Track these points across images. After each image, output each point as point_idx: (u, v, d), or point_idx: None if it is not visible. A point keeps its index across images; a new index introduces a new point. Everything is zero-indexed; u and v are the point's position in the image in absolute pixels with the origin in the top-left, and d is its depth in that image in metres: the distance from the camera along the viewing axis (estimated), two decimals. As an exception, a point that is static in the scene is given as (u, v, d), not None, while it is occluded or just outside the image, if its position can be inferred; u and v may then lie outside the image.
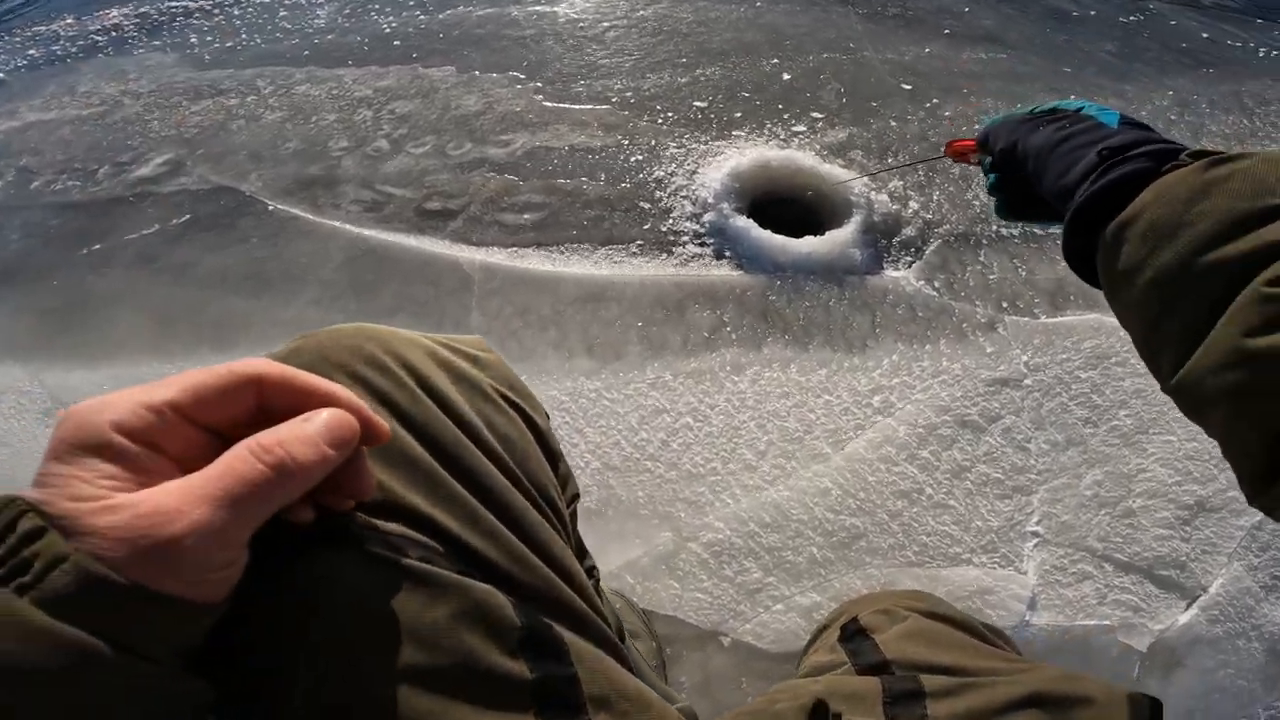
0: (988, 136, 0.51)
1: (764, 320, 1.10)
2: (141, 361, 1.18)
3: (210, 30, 2.48)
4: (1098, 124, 0.41)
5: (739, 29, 1.76)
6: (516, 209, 1.30)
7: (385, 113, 1.69)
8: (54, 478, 0.22)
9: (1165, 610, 0.84)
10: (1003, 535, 0.90)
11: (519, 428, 0.40)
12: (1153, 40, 2.00)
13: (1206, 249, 0.30)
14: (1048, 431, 1.00)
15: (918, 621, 0.50)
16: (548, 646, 0.32)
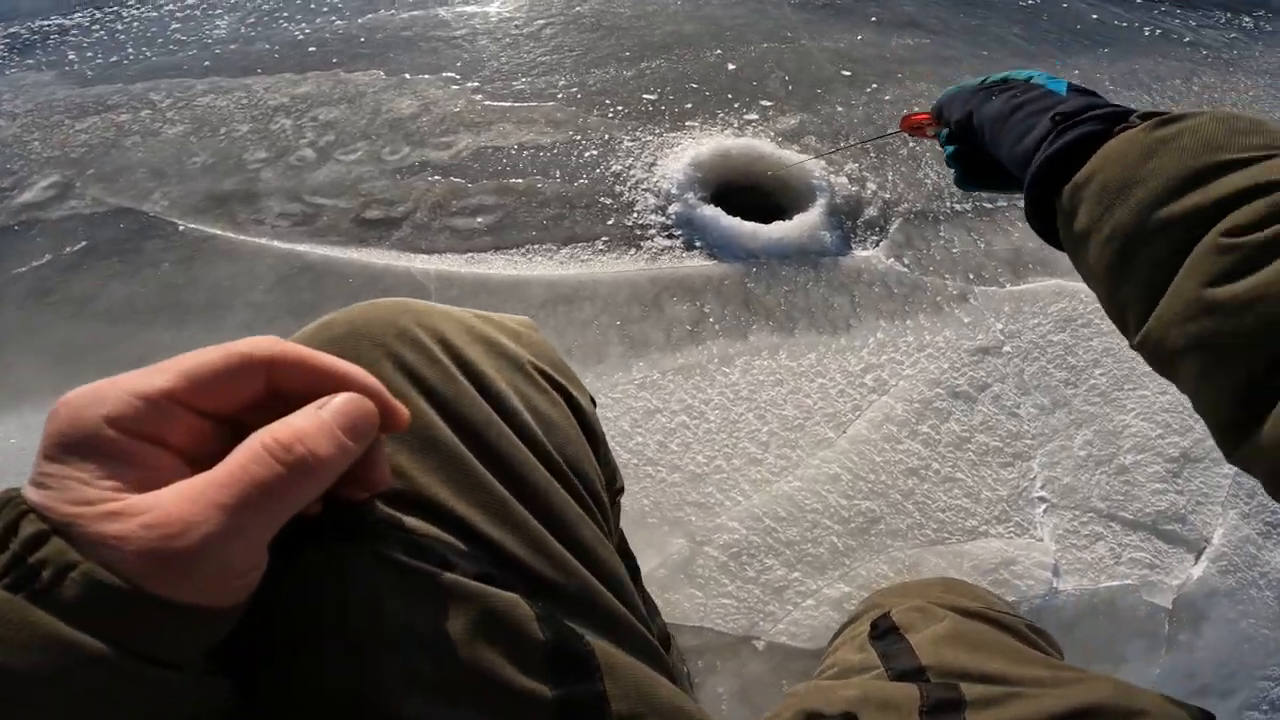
0: (942, 109, 0.51)
1: (745, 308, 1.06)
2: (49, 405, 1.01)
3: (91, 46, 2.23)
4: (1048, 91, 0.42)
5: (678, 21, 1.75)
6: (468, 212, 1.20)
7: (307, 120, 1.55)
8: (50, 479, 0.20)
9: (1178, 565, 0.86)
10: (1013, 503, 0.91)
11: (562, 410, 0.37)
12: (1052, 23, 2.16)
13: (1160, 205, 0.30)
14: (1034, 396, 1.02)
15: (955, 623, 0.47)
16: (574, 661, 0.29)
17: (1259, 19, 2.60)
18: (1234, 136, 0.30)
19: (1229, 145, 0.30)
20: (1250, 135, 0.30)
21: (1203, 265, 0.28)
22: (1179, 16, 2.44)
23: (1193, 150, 0.31)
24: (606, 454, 0.42)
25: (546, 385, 0.37)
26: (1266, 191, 0.27)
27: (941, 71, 1.72)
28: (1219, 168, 0.29)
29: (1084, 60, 1.98)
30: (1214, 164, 0.30)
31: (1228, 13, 2.59)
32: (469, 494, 0.29)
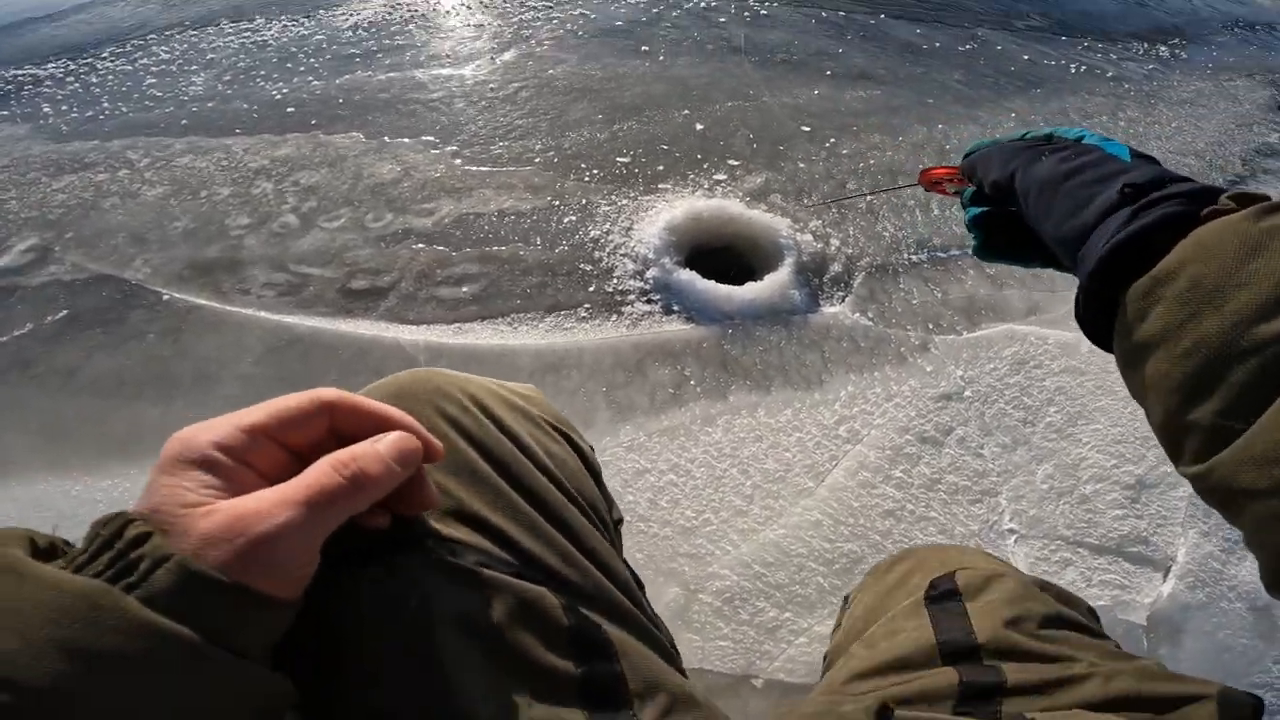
0: (975, 166, 0.45)
1: (724, 369, 1.12)
2: (38, 480, 1.03)
3: (66, 99, 2.23)
4: (1108, 155, 0.36)
5: (647, 82, 1.83)
6: (453, 281, 1.25)
7: (288, 184, 1.58)
8: (161, 488, 0.25)
9: (1147, 584, 0.93)
10: (985, 536, 0.98)
11: (567, 450, 0.44)
12: (988, 66, 2.31)
13: (1263, 318, 0.26)
14: (995, 436, 1.10)
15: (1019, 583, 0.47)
16: (594, 645, 0.35)
17: (1174, 47, 2.80)
18: None
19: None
20: None
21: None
22: (1101, 51, 2.63)
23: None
24: (605, 488, 0.49)
25: (554, 433, 0.44)
26: None
27: (891, 122, 1.84)
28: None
29: (1019, 102, 2.12)
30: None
31: (1144, 43, 2.78)
32: (503, 511, 0.36)
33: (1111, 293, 0.32)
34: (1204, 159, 2.02)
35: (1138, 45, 2.74)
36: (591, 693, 0.33)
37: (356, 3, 2.62)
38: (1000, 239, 0.44)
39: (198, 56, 2.40)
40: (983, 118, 1.98)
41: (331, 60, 2.16)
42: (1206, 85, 2.50)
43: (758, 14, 2.40)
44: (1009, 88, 2.20)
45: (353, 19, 2.47)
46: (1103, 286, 0.32)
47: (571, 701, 0.33)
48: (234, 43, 2.47)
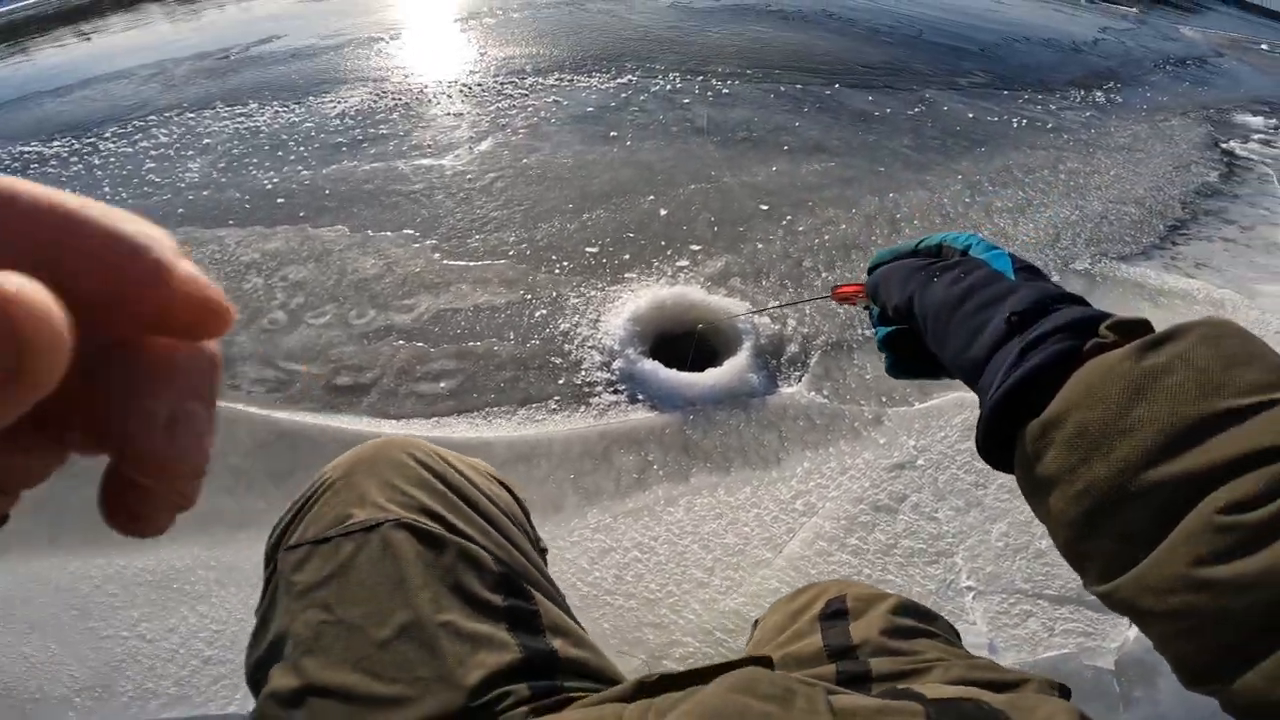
0: (877, 287, 0.47)
1: (685, 453, 1.20)
2: (36, 557, 1.09)
3: (69, 181, 2.34)
4: (993, 273, 0.39)
5: (615, 169, 1.96)
6: (431, 377, 1.33)
7: (277, 279, 1.68)
8: None
9: (1111, 630, 0.97)
10: (943, 594, 1.02)
11: (506, 493, 0.59)
12: (936, 128, 2.45)
13: (1148, 465, 0.28)
14: (949, 500, 1.16)
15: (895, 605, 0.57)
16: (517, 589, 0.49)
17: (1109, 91, 2.96)
18: (1230, 371, 0.28)
19: (1226, 386, 0.28)
20: (1245, 368, 0.28)
21: (1194, 543, 0.26)
22: (1040, 102, 2.78)
23: (1188, 395, 0.28)
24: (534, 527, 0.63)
25: (496, 480, 0.60)
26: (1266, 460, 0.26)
27: (845, 194, 1.96)
28: (1215, 420, 0.27)
29: (965, 162, 2.23)
30: (1211, 415, 0.27)
31: (1081, 90, 2.94)
32: (454, 512, 0.51)
33: (1009, 430, 0.34)
34: (1144, 205, 2.12)
35: (1075, 93, 2.91)
36: (513, 618, 0.47)
37: (344, 89, 2.79)
38: (910, 356, 0.46)
39: (194, 141, 2.54)
40: (931, 181, 2.11)
41: (319, 149, 2.29)
42: (1142, 128, 2.65)
43: (720, 93, 2.57)
44: (955, 149, 2.33)
45: (340, 106, 2.62)
46: (999, 426, 0.35)
47: (499, 621, 0.46)
48: (229, 128, 2.60)
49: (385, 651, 0.43)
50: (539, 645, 0.46)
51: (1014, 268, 0.39)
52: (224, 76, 3.19)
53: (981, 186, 2.13)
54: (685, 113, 2.37)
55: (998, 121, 2.59)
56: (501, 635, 0.45)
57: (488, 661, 0.43)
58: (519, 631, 0.46)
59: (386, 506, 0.49)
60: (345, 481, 0.51)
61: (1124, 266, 1.81)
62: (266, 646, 0.46)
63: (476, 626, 0.45)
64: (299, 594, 0.46)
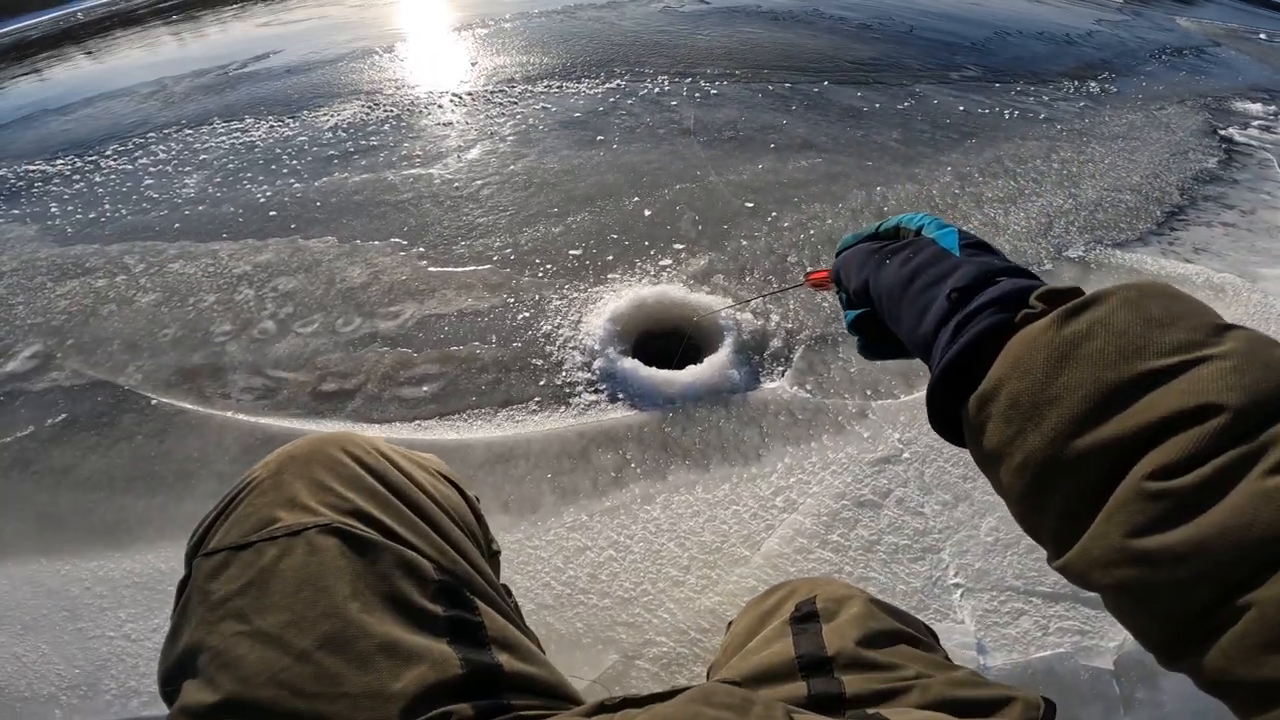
0: (839, 273, 0.49)
1: (664, 451, 1.19)
2: (30, 561, 1.12)
3: (72, 199, 2.39)
4: (940, 251, 0.40)
5: (600, 172, 1.97)
6: (414, 382, 1.34)
7: (268, 290, 1.70)
8: None
9: (1110, 628, 0.92)
10: (929, 593, 1.00)
11: (454, 492, 0.57)
12: (925, 122, 2.42)
13: (1077, 432, 0.28)
14: (935, 494, 1.14)
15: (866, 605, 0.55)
16: (459, 599, 0.46)
17: (1104, 81, 2.93)
18: (1151, 332, 0.28)
19: (1147, 346, 0.28)
20: (1168, 328, 0.28)
21: (1127, 512, 0.26)
22: (1033, 94, 2.75)
23: (1108, 358, 0.28)
24: (486, 527, 0.61)
25: (444, 480, 0.57)
26: (1194, 420, 0.25)
27: (831, 189, 1.96)
28: (1138, 381, 0.27)
29: (955, 155, 2.21)
30: (1133, 377, 0.27)
31: (1075, 81, 2.91)
32: (392, 515, 0.48)
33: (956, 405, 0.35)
34: (1140, 193, 2.09)
35: (1068, 84, 2.88)
36: (456, 630, 0.44)
37: (338, 103, 2.83)
38: (878, 337, 0.47)
39: (192, 157, 2.59)
40: (920, 174, 2.10)
41: (312, 162, 2.32)
42: (1138, 117, 2.62)
43: (708, 93, 2.57)
44: (945, 141, 2.31)
45: (333, 119, 2.66)
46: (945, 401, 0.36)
47: (441, 634, 0.43)
48: (225, 143, 2.65)
49: (305, 664, 0.39)
50: (483, 659, 0.43)
51: (961, 244, 0.40)
52: (222, 92, 3.25)
53: (971, 177, 2.11)
54: (672, 115, 2.38)
55: (989, 114, 2.57)
56: (441, 648, 0.42)
57: (425, 676, 0.39)
58: (461, 644, 0.43)
59: (316, 509, 0.45)
60: (273, 481, 0.47)
61: (1120, 253, 1.79)
62: (177, 658, 0.42)
63: (412, 639, 0.41)
64: (215, 604, 0.42)
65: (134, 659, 0.96)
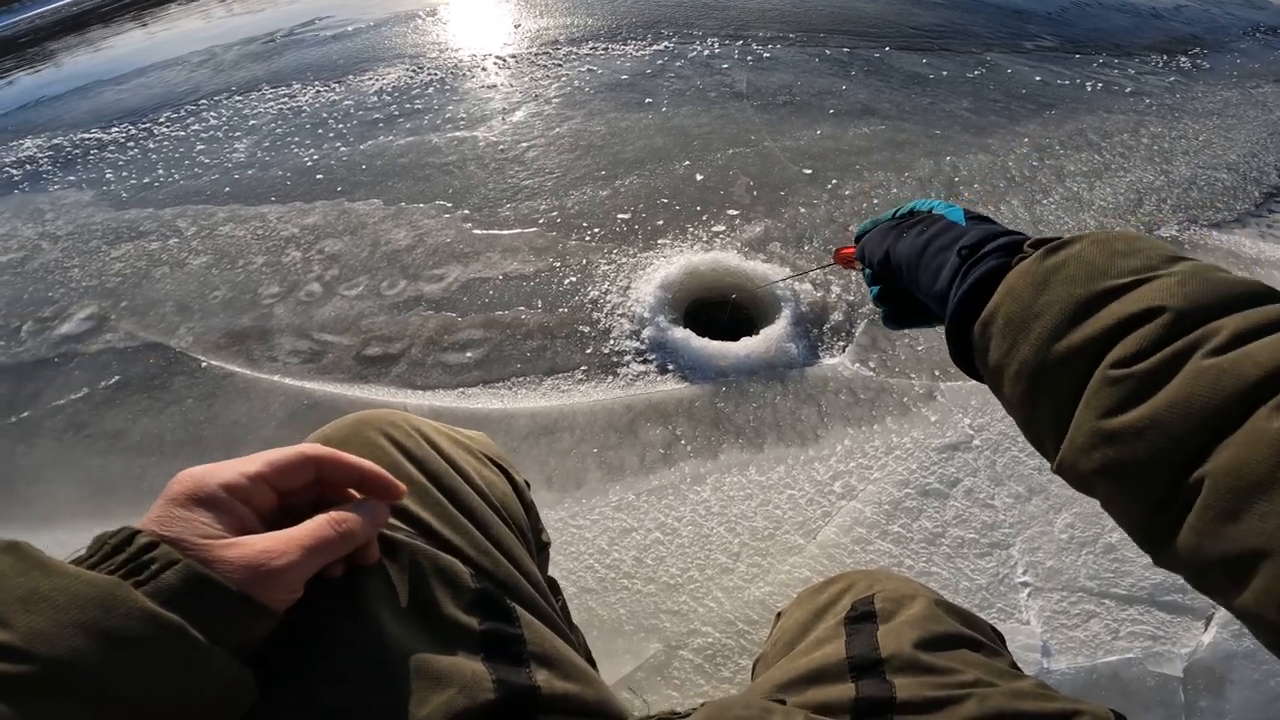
0: (863, 250, 0.53)
1: (716, 428, 1.13)
2: (83, 529, 1.13)
3: (126, 165, 2.45)
4: (949, 223, 0.45)
5: (649, 135, 1.89)
6: (458, 347, 1.31)
7: (314, 252, 1.69)
8: (178, 520, 0.31)
9: (1184, 634, 0.87)
10: (994, 590, 0.93)
11: (501, 479, 0.52)
12: (998, 91, 2.26)
13: (1056, 338, 0.33)
14: (1008, 485, 1.06)
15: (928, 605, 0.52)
16: (497, 608, 0.42)
17: (1195, 57, 2.67)
18: (1114, 260, 0.33)
19: (1109, 270, 0.33)
20: (1128, 258, 0.33)
21: (1098, 397, 0.30)
22: (1117, 66, 2.53)
23: (1079, 279, 0.33)
24: (536, 516, 0.56)
25: (491, 464, 0.52)
26: (1145, 319, 0.30)
27: (897, 157, 1.83)
28: (1102, 296, 0.32)
29: (1032, 125, 2.06)
30: (1098, 292, 0.33)
31: (1164, 55, 2.66)
32: (430, 508, 0.44)
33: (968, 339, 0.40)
34: (1237, 171, 1.92)
35: (1156, 58, 2.64)
36: (491, 646, 0.40)
37: (383, 67, 2.80)
38: (901, 308, 0.52)
39: (241, 122, 2.61)
40: (993, 145, 1.95)
41: (357, 126, 2.30)
42: (1233, 94, 2.39)
43: (760, 57, 2.44)
44: (1020, 112, 2.15)
45: (378, 84, 2.63)
46: (959, 331, 0.41)
47: (474, 651, 0.39)
48: (273, 109, 2.66)
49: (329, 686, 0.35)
50: (518, 680, 0.39)
51: (966, 217, 0.46)
52: (269, 59, 3.26)
53: (1051, 149, 1.95)
54: (723, 78, 2.26)
55: (1068, 85, 2.37)
56: (473, 668, 0.38)
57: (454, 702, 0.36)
58: (496, 662, 0.39)
59: None
60: None
61: (1215, 234, 1.63)
62: None
63: (442, 657, 0.37)
64: None
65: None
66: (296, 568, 0.32)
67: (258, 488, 0.34)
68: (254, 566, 0.31)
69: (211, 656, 0.29)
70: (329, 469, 0.38)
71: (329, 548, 0.34)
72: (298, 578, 0.33)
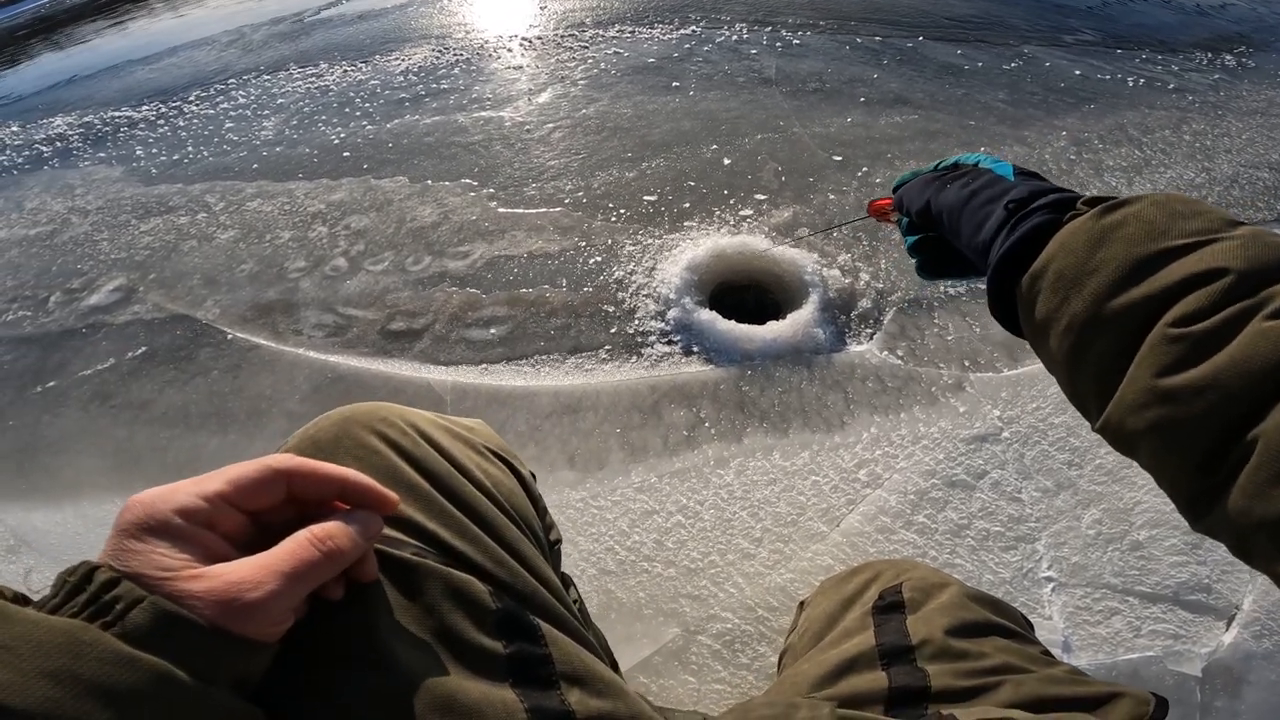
0: (901, 200, 0.52)
1: (740, 411, 1.12)
2: (106, 500, 1.14)
3: (156, 142, 2.48)
4: (997, 176, 0.44)
5: (676, 119, 1.86)
6: (482, 324, 1.31)
7: (340, 228, 1.70)
8: (133, 554, 0.27)
9: (1206, 634, 0.86)
10: (1017, 585, 0.92)
11: (507, 474, 0.48)
12: (1036, 84, 2.20)
13: (1112, 294, 0.32)
14: (1036, 479, 1.04)
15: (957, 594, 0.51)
16: (522, 628, 0.38)
17: (1240, 55, 2.58)
18: (1174, 221, 0.33)
19: (1170, 231, 0.32)
20: (1189, 220, 0.33)
21: (1154, 355, 0.30)
22: (1160, 62, 2.45)
23: (1138, 238, 0.33)
24: (544, 510, 0.52)
25: (494, 458, 0.48)
26: (1207, 280, 0.30)
27: (929, 147, 1.79)
28: (1162, 255, 0.32)
29: (1071, 119, 2.01)
30: (1158, 251, 0.32)
31: (1209, 53, 2.57)
32: (435, 517, 0.40)
33: (1011, 290, 0.40)
34: (1279, 171, 1.86)
35: (1200, 55, 2.55)
36: (519, 670, 0.37)
37: (409, 48, 2.80)
38: (935, 259, 0.51)
39: (269, 101, 2.62)
40: (1030, 137, 1.90)
41: (383, 105, 2.31)
42: (1278, 94, 2.31)
43: (790, 43, 2.40)
44: (1059, 105, 2.10)
45: (404, 64, 2.63)
46: (1001, 285, 0.40)
47: (500, 677, 0.36)
48: (300, 88, 2.68)
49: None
50: (552, 706, 0.36)
51: (1015, 173, 0.44)
52: (297, 39, 3.28)
53: (1090, 144, 1.90)
54: (752, 64, 2.23)
55: (1109, 80, 2.31)
56: (504, 697, 0.35)
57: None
58: (526, 688, 0.36)
59: None
60: None
61: (1260, 231, 1.58)
62: None
63: (470, 688, 0.34)
64: None
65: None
66: (276, 598, 0.28)
67: (220, 509, 0.30)
68: (225, 601, 0.27)
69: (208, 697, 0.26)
70: (302, 483, 0.33)
71: (313, 571, 0.30)
72: (280, 608, 0.29)
